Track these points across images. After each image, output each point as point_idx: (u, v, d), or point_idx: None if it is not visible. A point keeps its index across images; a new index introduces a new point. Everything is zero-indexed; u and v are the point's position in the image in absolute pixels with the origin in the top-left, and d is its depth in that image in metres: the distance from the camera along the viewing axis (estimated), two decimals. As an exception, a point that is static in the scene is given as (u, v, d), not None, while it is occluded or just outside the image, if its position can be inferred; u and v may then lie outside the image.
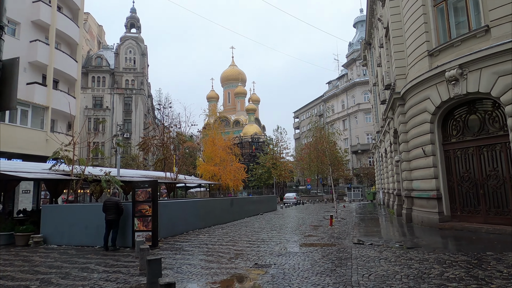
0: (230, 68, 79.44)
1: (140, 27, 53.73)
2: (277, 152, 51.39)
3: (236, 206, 18.23)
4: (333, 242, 9.71)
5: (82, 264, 7.56)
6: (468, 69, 10.55)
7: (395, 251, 7.94)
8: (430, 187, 12.04)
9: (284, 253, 8.10)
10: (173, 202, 12.33)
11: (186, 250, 8.98)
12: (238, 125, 70.47)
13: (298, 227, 14.01)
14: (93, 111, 47.19)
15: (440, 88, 11.55)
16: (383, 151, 25.17)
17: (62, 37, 22.76)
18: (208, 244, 9.89)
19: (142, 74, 50.17)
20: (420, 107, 12.57)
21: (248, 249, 8.82)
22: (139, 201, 9.59)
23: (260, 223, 15.77)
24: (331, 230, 12.63)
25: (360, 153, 53.87)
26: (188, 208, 13.05)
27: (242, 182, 30.01)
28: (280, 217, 19.28)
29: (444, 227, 11.18)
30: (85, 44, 51.74)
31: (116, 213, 9.48)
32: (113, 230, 9.47)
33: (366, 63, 37.48)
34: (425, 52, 12.26)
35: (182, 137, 20.98)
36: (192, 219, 13.09)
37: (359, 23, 62.04)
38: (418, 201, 13.08)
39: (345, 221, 15.68)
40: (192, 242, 10.36)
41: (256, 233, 12.24)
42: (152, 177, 20.32)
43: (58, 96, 21.47)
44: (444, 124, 12.10)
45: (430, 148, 12.04)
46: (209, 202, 15.37)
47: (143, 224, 9.46)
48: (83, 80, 48.72)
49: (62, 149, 13.43)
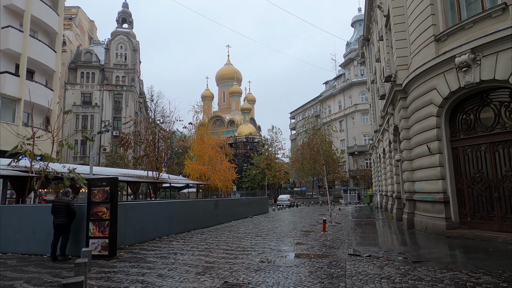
0: (225, 67, 77.92)
1: (132, 22, 52.17)
2: (272, 152, 49.91)
3: (222, 208, 16.73)
4: (324, 252, 8.25)
5: (8, 281, 6.05)
6: (482, 54, 9.16)
7: (398, 266, 6.49)
8: (436, 189, 10.63)
9: (264, 268, 6.63)
10: (143, 203, 10.82)
11: (148, 261, 7.49)
12: (233, 125, 68.95)
13: (287, 232, 12.55)
14: (81, 108, 45.51)
15: (449, 77, 10.16)
16: (381, 151, 23.80)
17: (39, 24, 21.20)
18: (178, 253, 8.40)
19: (133, 71, 48.58)
20: (425, 100, 11.17)
21: (222, 261, 7.35)
22: (95, 201, 8.09)
23: (246, 227, 14.29)
24: (323, 236, 11.19)
25: (357, 155, 52.58)
26: (163, 210, 11.54)
27: (233, 182, 28.49)
28: (270, 221, 17.80)
29: (452, 235, 9.76)
30: (75, 39, 50.16)
31: (66, 216, 7.97)
32: (63, 236, 7.96)
33: (364, 60, 36.26)
34: (431, 37, 10.87)
35: (167, 133, 19.46)
36: (167, 223, 11.59)
37: (357, 23, 60.91)
38: (422, 204, 11.66)
39: (340, 226, 14.25)
40: (160, 250, 8.87)
41: (238, 239, 10.77)
42: (133, 176, 18.82)
43: (33, 88, 19.87)
44: (452, 118, 10.70)
45: (436, 144, 10.64)
46: (189, 204, 13.87)
47: (99, 229, 7.96)
48: (71, 76, 47.10)
49: (25, 143, 11.90)
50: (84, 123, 45.00)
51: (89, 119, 45.25)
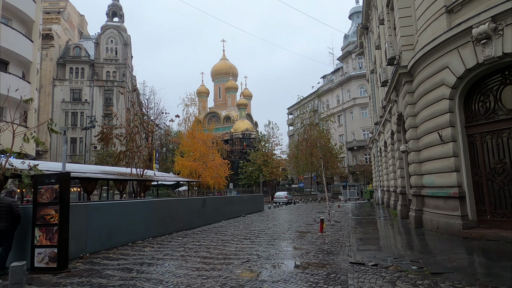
0: (221, 62, 76.16)
1: (123, 15, 50.47)
2: (269, 148, 48.49)
3: (210, 207, 15.33)
4: (321, 260, 6.87)
5: None
6: (506, 22, 7.75)
7: (415, 280, 5.11)
8: (449, 182, 9.25)
9: (244, 284, 5.24)
10: (112, 203, 9.38)
11: (104, 275, 6.08)
12: (229, 121, 67.40)
13: (280, 233, 11.17)
14: (71, 104, 43.94)
15: (464, 52, 8.75)
16: (382, 144, 22.45)
17: (13, 12, 19.65)
18: (146, 263, 7.00)
19: (124, 66, 46.96)
20: (435, 81, 9.77)
21: (194, 274, 5.95)
22: (42, 203, 6.67)
23: (235, 229, 12.90)
24: (321, 238, 9.81)
25: (356, 150, 51.20)
26: (138, 211, 10.11)
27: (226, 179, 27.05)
28: (264, 220, 16.43)
29: (470, 236, 8.39)
30: (64, 33, 48.49)
31: (9, 220, 6.56)
32: (4, 245, 6.54)
33: (362, 51, 34.85)
34: (442, 8, 9.46)
35: (151, 126, 18.01)
36: (143, 225, 10.17)
37: (354, 15, 59.38)
38: (432, 200, 10.28)
39: (339, 225, 12.88)
40: (127, 259, 7.47)
41: (223, 243, 9.37)
42: (114, 174, 17.37)
43: (6, 80, 18.38)
44: (467, 101, 9.30)
45: (449, 131, 9.24)
46: (170, 203, 12.44)
47: (46, 236, 6.54)
48: (60, 71, 45.45)
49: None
50: (73, 120, 43.48)
51: (79, 116, 43.71)
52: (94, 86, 44.85)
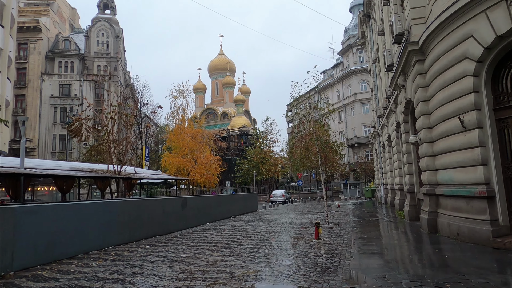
0: (218, 57, 74.19)
1: (115, 7, 48.61)
2: (266, 145, 46.72)
3: (193, 208, 13.57)
4: (312, 282, 5.12)
5: None
6: (553, -30, 5.97)
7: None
8: (474, 179, 7.48)
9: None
10: (52, 205, 7.53)
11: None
12: (226, 117, 65.60)
13: (269, 240, 9.43)
14: (60, 100, 42.18)
15: (494, 15, 6.95)
16: (386, 139, 20.67)
17: (-22, -7, 17.87)
18: (81, 286, 5.25)
19: (116, 60, 45.17)
20: (455, 55, 7.98)
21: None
22: None
23: (218, 233, 11.15)
24: (316, 247, 8.07)
25: (357, 147, 49.39)
26: (92, 215, 8.32)
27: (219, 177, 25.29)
28: (255, 222, 14.69)
29: (503, 247, 6.62)
30: (53, 26, 46.70)
31: None
32: None
33: (364, 41, 33.03)
34: (464, -36, 7.66)
35: (131, 119, 16.25)
36: (99, 232, 8.40)
37: (355, 7, 57.37)
38: (450, 201, 8.52)
39: (338, 229, 11.12)
40: (58, 280, 5.72)
41: (194, 254, 7.62)
42: (88, 170, 15.64)
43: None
44: (496, 78, 7.51)
45: (474, 116, 7.46)
46: (140, 204, 10.65)
47: None
48: (48, 65, 43.65)
49: None
50: (63, 116, 41.72)
51: (68, 112, 41.92)
52: (84, 81, 43.09)
